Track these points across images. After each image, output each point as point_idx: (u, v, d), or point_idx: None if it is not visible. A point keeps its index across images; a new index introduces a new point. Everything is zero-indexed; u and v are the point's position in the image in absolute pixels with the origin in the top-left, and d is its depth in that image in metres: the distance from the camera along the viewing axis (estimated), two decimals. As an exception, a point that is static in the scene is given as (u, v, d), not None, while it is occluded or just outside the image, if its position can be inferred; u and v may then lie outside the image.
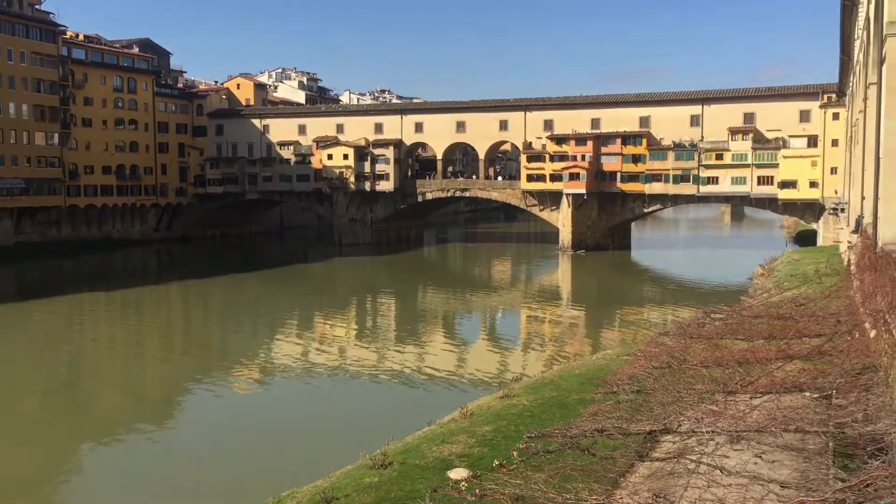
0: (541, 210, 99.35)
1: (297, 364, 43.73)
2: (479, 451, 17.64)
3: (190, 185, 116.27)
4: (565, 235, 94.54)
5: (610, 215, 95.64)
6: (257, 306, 66.12)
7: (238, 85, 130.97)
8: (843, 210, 62.63)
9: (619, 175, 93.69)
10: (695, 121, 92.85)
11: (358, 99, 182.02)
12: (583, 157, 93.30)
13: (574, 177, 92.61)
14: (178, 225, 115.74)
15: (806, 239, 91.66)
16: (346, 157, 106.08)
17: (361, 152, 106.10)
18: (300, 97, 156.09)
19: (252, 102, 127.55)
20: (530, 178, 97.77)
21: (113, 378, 42.99)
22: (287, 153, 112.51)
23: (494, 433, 19.15)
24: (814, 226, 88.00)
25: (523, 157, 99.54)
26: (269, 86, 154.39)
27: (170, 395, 39.22)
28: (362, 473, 16.96)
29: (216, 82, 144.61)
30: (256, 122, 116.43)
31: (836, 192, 77.13)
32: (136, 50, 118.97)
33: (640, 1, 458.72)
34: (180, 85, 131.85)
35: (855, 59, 43.75)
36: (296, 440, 29.57)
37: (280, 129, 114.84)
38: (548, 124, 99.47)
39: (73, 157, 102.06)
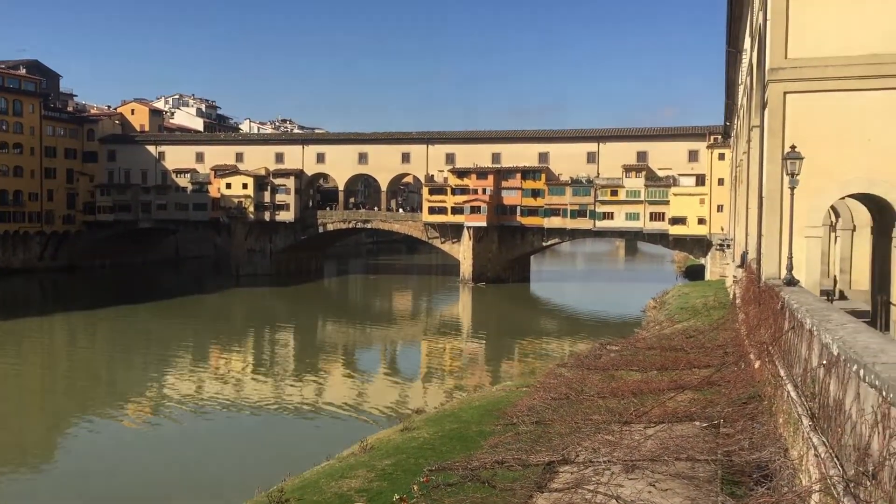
0: (442, 242, 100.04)
1: (191, 398, 42.21)
2: (379, 486, 17.40)
3: (79, 213, 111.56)
4: (466, 268, 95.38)
5: (510, 248, 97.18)
6: (149, 339, 63.62)
7: (133, 110, 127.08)
8: (728, 246, 65.69)
9: (519, 209, 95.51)
10: (591, 157, 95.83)
11: (258, 128, 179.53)
12: (484, 191, 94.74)
13: (475, 210, 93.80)
14: (64, 253, 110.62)
15: (695, 273, 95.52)
16: (245, 186, 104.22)
17: (261, 182, 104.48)
18: (198, 124, 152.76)
19: (147, 128, 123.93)
20: (432, 211, 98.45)
21: (-12, 415, 40.34)
22: (183, 181, 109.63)
23: (394, 467, 18.94)
24: (702, 260, 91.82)
25: (425, 190, 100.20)
26: (166, 112, 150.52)
27: (51, 433, 37.06)
28: (258, 511, 16.44)
29: (109, 107, 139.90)
30: (151, 148, 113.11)
31: (722, 229, 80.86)
32: (23, 71, 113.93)
33: (540, 40, 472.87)
34: (70, 109, 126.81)
35: (739, 103, 46.23)
36: (187, 478, 28.39)
37: (177, 157, 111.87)
38: (450, 157, 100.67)
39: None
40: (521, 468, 17.22)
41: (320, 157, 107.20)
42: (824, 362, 11.30)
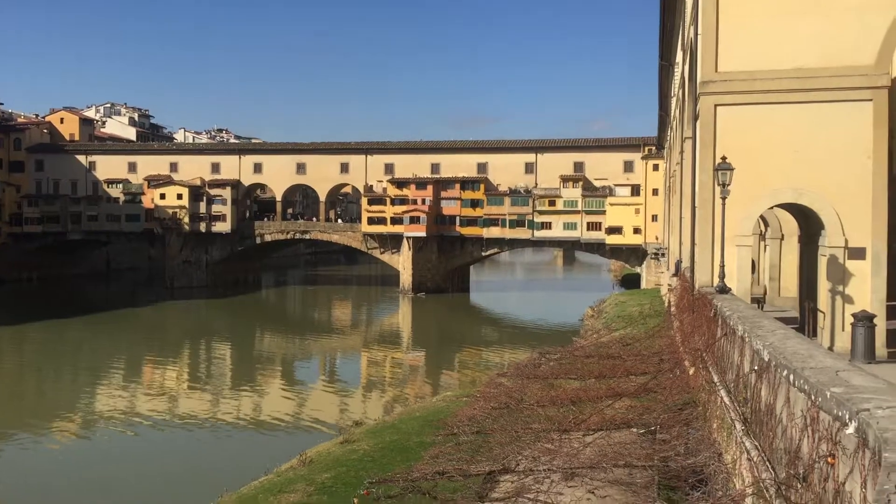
0: (382, 253, 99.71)
1: (123, 414, 41.04)
2: (319, 499, 17.16)
3: (4, 224, 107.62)
4: (406, 278, 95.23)
5: (450, 258, 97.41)
6: (78, 353, 61.70)
7: (62, 119, 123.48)
8: (663, 255, 67.05)
9: (458, 219, 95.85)
10: (529, 168, 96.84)
11: (193, 137, 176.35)
12: (423, 201, 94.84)
13: (414, 220, 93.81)
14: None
15: (631, 282, 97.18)
16: (180, 196, 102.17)
17: (197, 192, 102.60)
18: (131, 134, 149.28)
19: (77, 138, 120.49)
20: (371, 221, 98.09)
21: None
22: (115, 192, 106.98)
23: (334, 480, 18.72)
24: (638, 269, 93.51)
25: (364, 200, 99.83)
26: (97, 121, 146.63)
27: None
28: (193, 530, 16.04)
29: (38, 116, 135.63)
30: (82, 158, 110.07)
31: (657, 238, 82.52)
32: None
33: (476, 53, 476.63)
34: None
35: (672, 114, 47.33)
36: (120, 496, 27.54)
37: (108, 167, 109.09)
38: (389, 168, 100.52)
39: None
40: (462, 479, 17.20)
41: (257, 168, 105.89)
42: (756, 368, 11.58)
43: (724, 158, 21.51)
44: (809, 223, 25.78)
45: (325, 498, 17.22)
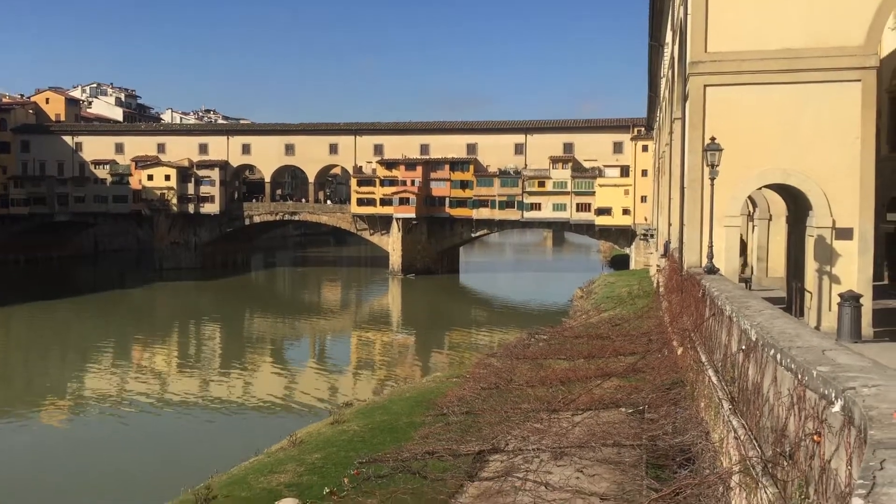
0: (371, 234, 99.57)
1: (113, 396, 41.01)
2: (309, 480, 17.22)
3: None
4: (395, 260, 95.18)
5: (439, 240, 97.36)
6: (67, 336, 61.51)
7: (47, 99, 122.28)
8: (652, 236, 67.24)
9: (447, 200, 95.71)
10: (519, 149, 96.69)
11: (181, 118, 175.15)
12: (412, 183, 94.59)
13: (404, 201, 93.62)
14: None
15: (620, 263, 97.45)
16: (167, 177, 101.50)
17: (185, 173, 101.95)
18: (117, 114, 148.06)
19: (63, 118, 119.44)
20: (360, 203, 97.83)
21: None
22: (102, 173, 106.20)
23: (324, 460, 18.79)
24: (627, 250, 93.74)
25: (353, 182, 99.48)
26: (83, 101, 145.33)
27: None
28: (184, 510, 16.08)
29: (23, 96, 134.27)
30: (68, 139, 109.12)
31: (645, 219, 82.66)
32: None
33: (465, 33, 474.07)
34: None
35: (661, 95, 47.29)
36: (110, 477, 27.56)
37: (95, 148, 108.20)
38: (378, 149, 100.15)
39: None
40: (451, 458, 17.30)
41: (246, 149, 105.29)
42: (743, 347, 11.66)
43: (712, 139, 21.54)
44: (797, 204, 25.89)
45: (315, 478, 17.28)
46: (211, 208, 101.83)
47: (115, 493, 25.19)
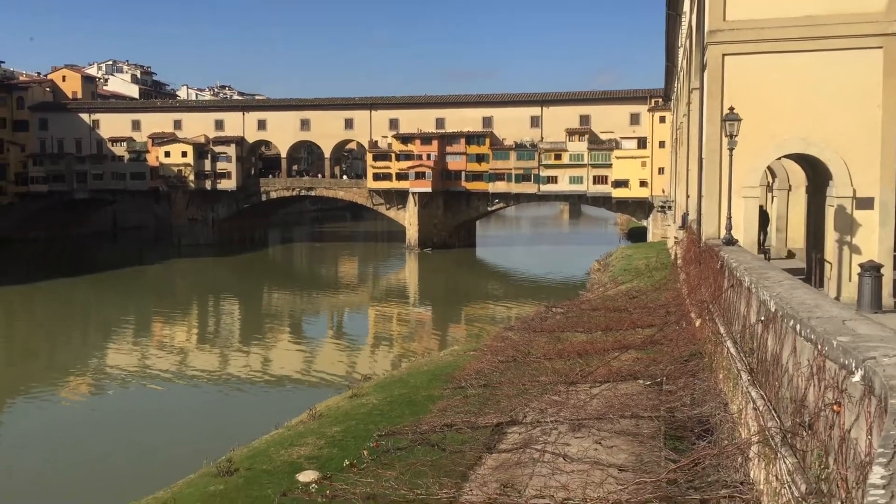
0: (387, 209, 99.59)
1: (134, 371, 41.52)
2: (329, 452, 17.41)
3: (10, 184, 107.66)
4: (412, 234, 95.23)
5: (455, 214, 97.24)
6: (88, 312, 62.25)
7: (64, 77, 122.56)
8: (669, 208, 66.86)
9: (463, 174, 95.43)
10: (535, 122, 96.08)
11: (196, 94, 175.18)
12: (428, 157, 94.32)
13: (420, 176, 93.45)
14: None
15: (637, 235, 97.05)
16: (184, 154, 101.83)
17: (201, 150, 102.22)
18: (133, 91, 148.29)
19: (80, 96, 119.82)
20: (376, 177, 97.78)
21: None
22: (120, 150, 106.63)
23: (344, 433, 18.96)
24: (644, 223, 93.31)
25: (369, 156, 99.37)
26: (99, 79, 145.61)
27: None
28: (206, 482, 16.31)
29: (39, 74, 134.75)
30: (85, 116, 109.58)
31: (663, 191, 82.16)
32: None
33: (479, 3, 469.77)
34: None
35: (679, 65, 46.74)
36: (133, 451, 27.97)
37: (112, 125, 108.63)
38: (393, 123, 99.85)
39: None
40: (470, 431, 17.41)
41: (261, 124, 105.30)
42: (762, 319, 11.61)
43: (731, 109, 21.27)
44: (817, 173, 25.61)
45: (335, 450, 17.46)
46: (227, 184, 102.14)
47: (138, 467, 25.57)
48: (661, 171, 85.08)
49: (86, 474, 25.65)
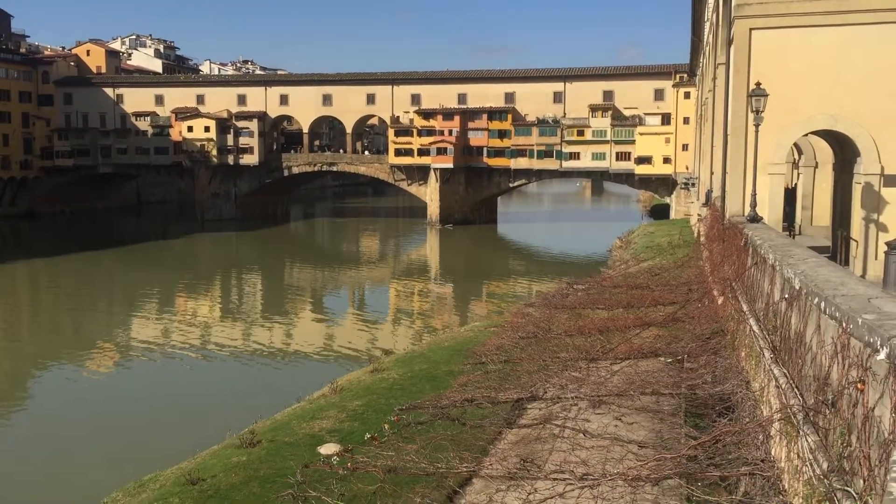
0: (409, 185, 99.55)
1: (159, 344, 42.06)
2: (350, 426, 17.56)
3: (36, 158, 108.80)
4: (433, 210, 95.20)
5: (477, 190, 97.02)
6: (113, 285, 63.00)
7: (88, 51, 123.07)
8: (693, 185, 66.25)
9: (485, 150, 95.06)
10: (557, 97, 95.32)
11: (219, 69, 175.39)
12: (450, 132, 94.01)
13: (441, 151, 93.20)
14: (23, 200, 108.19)
15: (660, 212, 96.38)
16: (207, 129, 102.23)
17: (224, 125, 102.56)
18: (156, 66, 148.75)
19: (104, 70, 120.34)
20: (398, 153, 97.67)
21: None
22: (143, 124, 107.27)
23: (365, 407, 19.12)
24: (667, 199, 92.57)
25: (391, 132, 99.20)
26: (123, 53, 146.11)
27: (17, 380, 36.81)
28: (230, 453, 16.53)
29: (63, 48, 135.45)
30: (109, 91, 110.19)
31: (687, 168, 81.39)
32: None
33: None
34: (23, 50, 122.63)
35: (705, 40, 46.08)
36: (158, 422, 28.43)
37: (135, 100, 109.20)
38: (415, 99, 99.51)
39: None
40: (490, 406, 17.49)
41: (284, 99, 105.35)
42: (786, 296, 11.52)
43: (758, 84, 20.97)
44: (844, 150, 25.25)
45: (356, 424, 17.62)
46: (250, 159, 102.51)
47: (163, 436, 25.99)
48: (685, 147, 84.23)
49: (111, 445, 26.11)
